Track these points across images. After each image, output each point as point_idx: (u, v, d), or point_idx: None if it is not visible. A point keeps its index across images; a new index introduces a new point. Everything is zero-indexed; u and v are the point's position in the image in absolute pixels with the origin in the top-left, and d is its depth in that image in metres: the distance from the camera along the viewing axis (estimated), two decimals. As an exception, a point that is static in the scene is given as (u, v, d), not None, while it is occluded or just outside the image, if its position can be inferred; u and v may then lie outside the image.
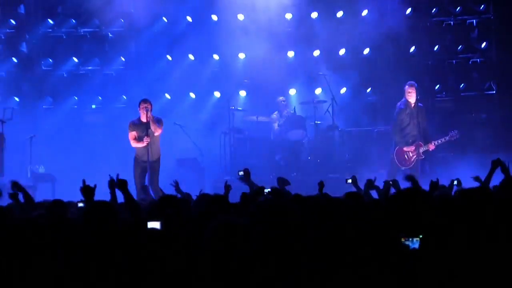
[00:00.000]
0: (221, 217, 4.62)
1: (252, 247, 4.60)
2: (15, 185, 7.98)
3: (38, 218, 5.22)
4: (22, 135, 15.89)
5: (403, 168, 13.61)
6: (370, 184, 8.63)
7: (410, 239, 4.47)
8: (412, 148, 13.63)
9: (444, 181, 9.09)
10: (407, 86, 13.79)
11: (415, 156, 13.63)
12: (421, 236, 4.46)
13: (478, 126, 16.87)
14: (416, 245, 4.47)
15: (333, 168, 15.79)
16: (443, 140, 13.75)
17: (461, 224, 4.84)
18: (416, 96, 13.75)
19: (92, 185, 6.86)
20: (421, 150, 13.64)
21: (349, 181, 9.10)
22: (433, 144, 13.67)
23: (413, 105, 13.71)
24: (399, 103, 13.97)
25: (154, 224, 4.68)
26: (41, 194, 14.00)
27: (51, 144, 16.52)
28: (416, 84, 13.89)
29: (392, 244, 4.55)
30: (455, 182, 8.95)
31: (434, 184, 7.91)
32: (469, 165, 14.28)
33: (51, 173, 16.00)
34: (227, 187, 8.17)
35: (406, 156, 13.66)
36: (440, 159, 15.55)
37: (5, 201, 7.97)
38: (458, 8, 17.22)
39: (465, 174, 9.96)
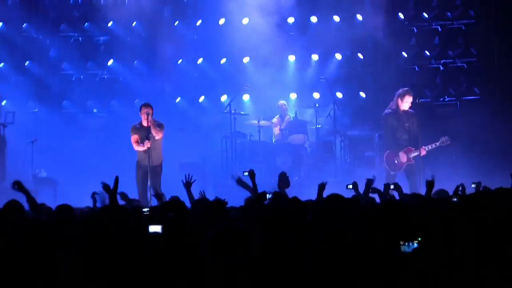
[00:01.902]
0: (221, 223, 4.64)
1: (253, 251, 4.62)
2: (17, 185, 7.80)
3: (46, 220, 5.25)
4: (23, 139, 15.91)
5: (392, 173, 13.51)
6: (370, 183, 8.65)
7: (408, 242, 4.48)
8: (401, 153, 13.51)
9: (445, 186, 9.09)
10: (407, 94, 13.57)
11: (405, 161, 13.53)
12: (419, 239, 4.48)
13: (478, 131, 16.85)
14: (414, 249, 4.48)
15: (334, 172, 15.80)
16: (433, 145, 13.56)
17: (461, 228, 4.86)
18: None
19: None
20: (412, 155, 13.52)
21: (350, 186, 9.13)
22: (424, 149, 13.51)
23: (402, 110, 13.57)
24: (386, 109, 13.77)
25: (156, 228, 4.69)
26: (43, 199, 14.01)
27: (52, 148, 16.55)
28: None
29: (390, 247, 4.57)
30: (460, 188, 8.91)
31: (430, 183, 7.90)
32: (470, 169, 14.28)
33: (53, 177, 16.02)
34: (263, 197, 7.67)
35: (396, 161, 13.54)
36: (441, 163, 15.53)
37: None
38: (455, 13, 17.27)
39: (466, 178, 9.96)
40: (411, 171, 13.48)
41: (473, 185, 9.30)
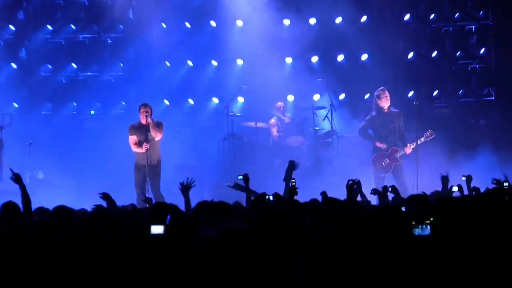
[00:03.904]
0: (224, 224, 4.63)
1: (254, 252, 4.60)
2: (16, 177, 7.78)
3: (43, 222, 5.23)
4: (21, 141, 15.86)
5: (382, 175, 13.51)
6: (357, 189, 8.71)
7: (421, 225, 4.48)
8: (387, 153, 13.52)
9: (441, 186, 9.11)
10: (381, 92, 13.61)
11: (392, 162, 13.53)
12: (431, 219, 4.47)
13: (477, 132, 16.85)
14: (427, 231, 4.47)
15: (332, 174, 15.76)
16: (418, 142, 13.59)
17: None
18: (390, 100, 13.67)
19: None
20: (398, 155, 13.53)
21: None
22: (409, 147, 13.52)
23: (386, 110, 13.60)
24: (371, 112, 13.84)
25: (158, 229, 4.65)
26: (40, 201, 13.96)
27: (50, 150, 16.49)
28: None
29: (390, 248, 4.56)
30: (456, 188, 8.95)
31: (445, 179, 7.96)
32: (468, 171, 14.27)
33: (50, 179, 15.96)
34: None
35: (383, 163, 13.55)
36: (439, 164, 15.51)
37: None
38: (457, 14, 17.24)
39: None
40: (398, 171, 13.49)
41: (463, 178, 9.40)
